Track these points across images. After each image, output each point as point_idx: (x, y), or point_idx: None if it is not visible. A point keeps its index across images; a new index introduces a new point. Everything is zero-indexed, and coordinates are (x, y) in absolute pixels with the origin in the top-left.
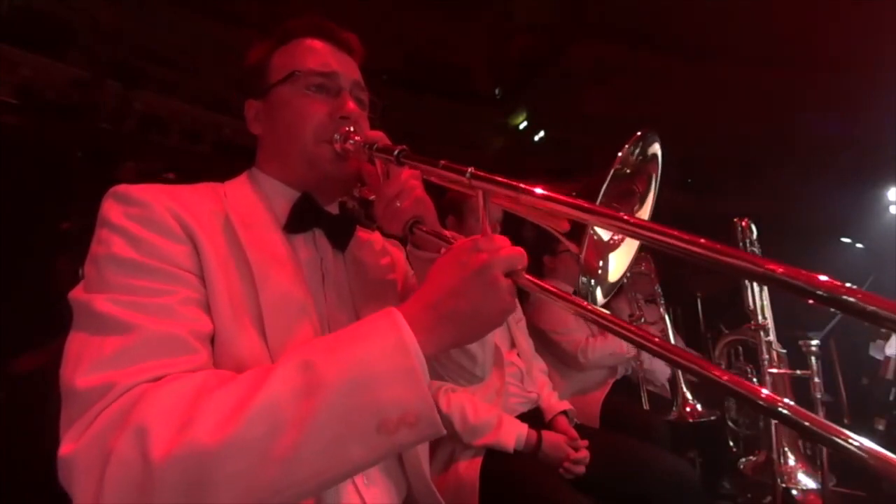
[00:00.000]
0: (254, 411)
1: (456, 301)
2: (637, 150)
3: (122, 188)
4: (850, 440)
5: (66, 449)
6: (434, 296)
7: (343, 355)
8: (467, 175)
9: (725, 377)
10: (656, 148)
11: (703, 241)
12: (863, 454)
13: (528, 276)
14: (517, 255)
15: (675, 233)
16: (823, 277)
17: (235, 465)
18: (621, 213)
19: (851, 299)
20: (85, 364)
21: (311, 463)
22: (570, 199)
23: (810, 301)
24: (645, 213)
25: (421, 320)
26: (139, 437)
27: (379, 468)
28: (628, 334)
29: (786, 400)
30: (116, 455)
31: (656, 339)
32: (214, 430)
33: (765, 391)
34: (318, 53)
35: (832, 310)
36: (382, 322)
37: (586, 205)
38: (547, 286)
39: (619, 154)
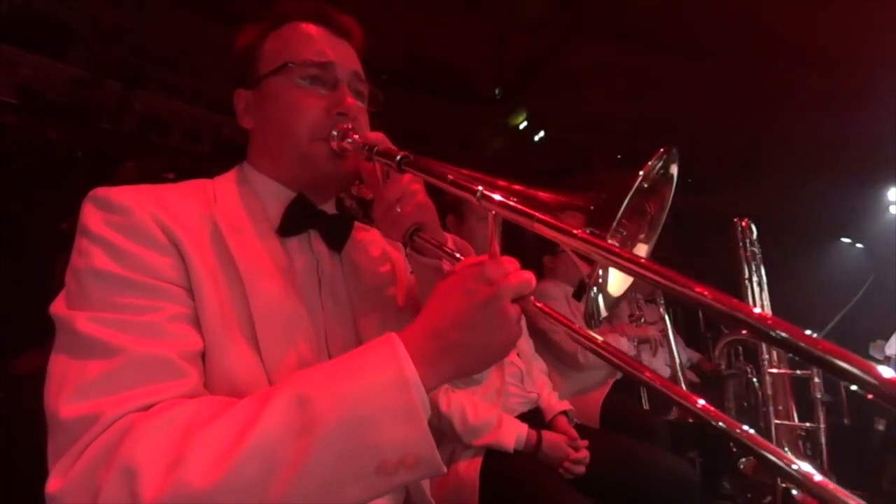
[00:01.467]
0: (247, 451)
1: (461, 334)
2: (660, 165)
3: (102, 192)
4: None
5: (53, 486)
6: (438, 326)
7: (340, 389)
8: (477, 195)
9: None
10: (674, 169)
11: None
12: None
13: (535, 303)
14: (525, 282)
15: (689, 282)
16: (756, 310)
17: None
18: (634, 256)
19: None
20: (69, 390)
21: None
22: (583, 235)
23: (743, 331)
24: (649, 245)
25: (423, 352)
26: (128, 477)
27: None
28: (623, 364)
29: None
30: (104, 496)
31: (647, 373)
32: (207, 471)
33: (700, 402)
34: (313, 41)
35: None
36: (382, 351)
37: (599, 242)
38: (554, 314)
39: (642, 172)
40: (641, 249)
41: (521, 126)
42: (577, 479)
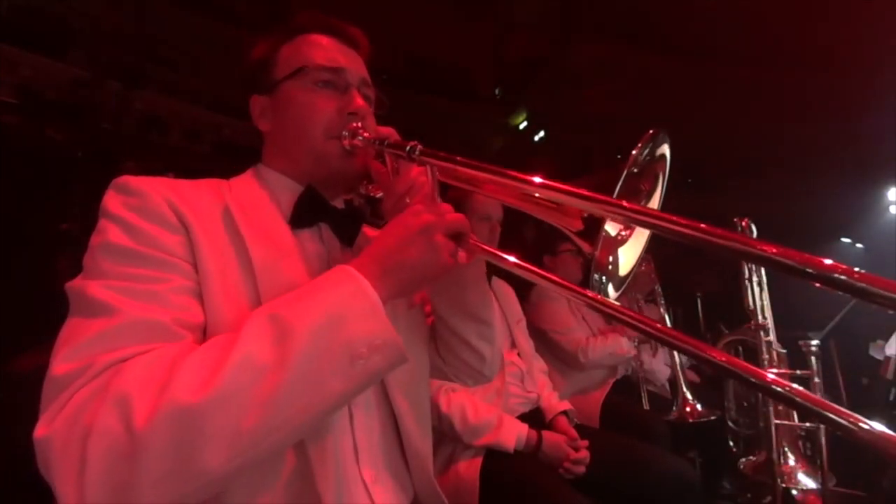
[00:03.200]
0: (231, 365)
1: (400, 255)
2: (647, 150)
3: (123, 179)
4: (845, 416)
5: (40, 430)
6: (381, 251)
7: (307, 304)
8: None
9: (723, 358)
10: (665, 149)
11: (703, 226)
12: (859, 431)
13: (474, 242)
14: (458, 221)
15: (680, 220)
16: (829, 261)
17: (222, 416)
18: (636, 205)
19: (843, 277)
20: (67, 348)
21: (294, 401)
22: (589, 194)
23: (816, 283)
24: (655, 204)
25: (371, 271)
26: (120, 405)
27: (386, 469)
28: (615, 313)
29: (783, 381)
30: (98, 427)
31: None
32: (196, 388)
33: (771, 373)
34: (325, 49)
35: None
36: (337, 275)
37: (608, 199)
38: (493, 251)
39: (633, 152)
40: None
41: (521, 126)
42: (577, 479)
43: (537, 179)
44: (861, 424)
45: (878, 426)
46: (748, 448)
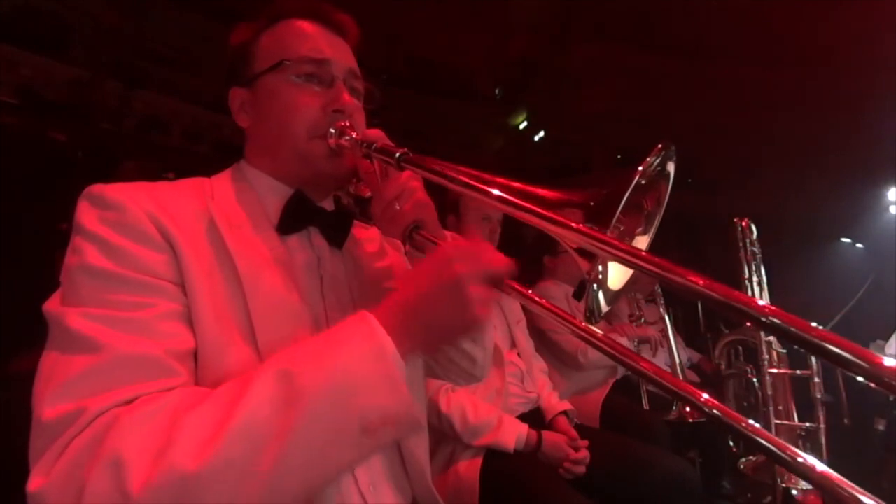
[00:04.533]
0: (234, 429)
1: (428, 309)
2: (657, 161)
3: (97, 189)
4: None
5: (35, 483)
6: (408, 302)
7: (321, 363)
8: (482, 192)
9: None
10: (671, 167)
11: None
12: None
13: (512, 284)
14: (495, 267)
15: (684, 272)
16: (762, 302)
17: (220, 486)
18: (631, 248)
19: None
20: (53, 388)
21: (296, 473)
22: (582, 228)
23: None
24: (647, 238)
25: (395, 325)
26: (114, 468)
27: (384, 474)
28: (623, 358)
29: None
30: (91, 489)
31: (645, 364)
32: (195, 454)
33: (704, 396)
34: (309, 38)
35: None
36: (359, 327)
37: (597, 235)
38: (532, 296)
39: (640, 168)
40: (639, 243)
41: (521, 126)
42: (577, 480)
43: (535, 208)
44: (804, 461)
45: (822, 466)
46: (748, 448)
